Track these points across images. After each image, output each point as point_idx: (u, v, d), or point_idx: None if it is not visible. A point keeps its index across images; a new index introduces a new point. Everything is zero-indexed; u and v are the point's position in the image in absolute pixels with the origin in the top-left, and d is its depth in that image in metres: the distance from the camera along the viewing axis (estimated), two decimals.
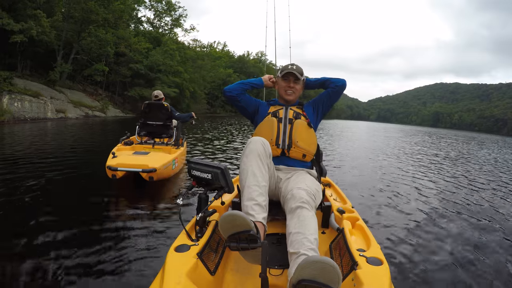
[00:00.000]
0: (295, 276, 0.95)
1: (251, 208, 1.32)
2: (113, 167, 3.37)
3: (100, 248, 2.06)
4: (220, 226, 1.15)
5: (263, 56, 55.21)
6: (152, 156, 3.92)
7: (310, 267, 0.91)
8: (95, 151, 6.55)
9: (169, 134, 4.74)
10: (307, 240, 1.17)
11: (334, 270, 0.90)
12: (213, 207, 1.62)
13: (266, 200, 1.38)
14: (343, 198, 2.09)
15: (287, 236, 1.25)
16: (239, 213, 1.14)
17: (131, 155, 3.97)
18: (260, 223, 1.28)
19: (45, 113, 14.99)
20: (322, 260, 0.91)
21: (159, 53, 27.99)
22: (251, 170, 1.41)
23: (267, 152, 1.50)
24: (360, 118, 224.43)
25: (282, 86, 1.84)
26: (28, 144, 6.70)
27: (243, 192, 1.40)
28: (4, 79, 13.08)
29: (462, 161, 9.08)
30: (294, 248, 1.16)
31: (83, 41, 20.54)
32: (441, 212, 3.48)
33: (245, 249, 1.15)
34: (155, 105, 4.66)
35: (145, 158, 3.78)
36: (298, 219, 1.25)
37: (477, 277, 2.03)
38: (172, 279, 1.04)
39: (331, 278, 0.90)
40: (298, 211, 1.28)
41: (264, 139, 1.52)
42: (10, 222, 2.44)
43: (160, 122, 4.67)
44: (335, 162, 6.57)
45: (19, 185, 3.36)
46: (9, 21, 14.82)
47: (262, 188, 1.38)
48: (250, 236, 1.13)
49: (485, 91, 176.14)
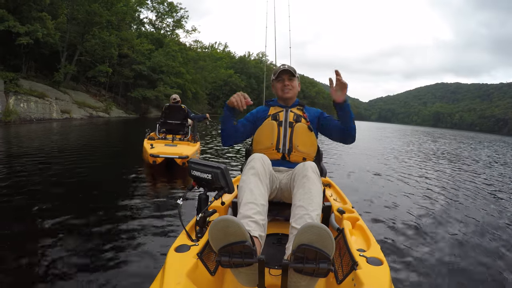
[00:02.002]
0: (295, 242, 0.97)
1: (246, 224, 1.18)
2: (155, 154, 4.21)
3: (100, 248, 2.06)
4: (210, 235, 1.00)
5: (264, 57, 55.23)
6: (181, 147, 4.83)
7: (308, 232, 0.95)
8: (102, 151, 6.58)
9: (185, 131, 5.65)
10: (309, 217, 1.20)
11: (329, 236, 0.94)
12: (213, 207, 1.62)
13: (264, 220, 1.25)
14: (343, 198, 2.09)
15: (292, 207, 1.28)
16: (232, 218, 0.98)
17: (164, 146, 4.79)
18: (256, 239, 1.14)
19: (50, 114, 15.16)
20: (318, 225, 0.95)
21: (161, 55, 28.15)
22: (249, 188, 1.32)
23: (267, 170, 1.43)
24: (361, 118, 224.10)
25: (278, 87, 1.80)
26: (46, 143, 6.74)
27: (239, 209, 1.29)
28: (10, 80, 13.24)
29: (462, 161, 9.05)
30: (296, 223, 1.20)
31: (87, 43, 20.76)
32: (441, 212, 3.47)
33: (239, 265, 1.01)
34: (174, 107, 5.60)
35: (177, 148, 4.71)
36: (304, 190, 1.29)
37: (478, 277, 2.02)
38: (172, 279, 1.04)
39: (326, 243, 0.94)
40: (304, 181, 1.31)
41: (264, 157, 1.47)
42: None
43: (178, 121, 5.62)
44: (335, 162, 6.56)
45: (22, 188, 3.39)
46: (15, 23, 15.08)
47: (260, 206, 1.27)
48: (244, 248, 0.99)
49: (486, 91, 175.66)
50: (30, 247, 2.04)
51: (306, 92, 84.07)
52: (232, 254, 0.99)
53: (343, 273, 1.20)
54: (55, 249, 2.00)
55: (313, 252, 0.95)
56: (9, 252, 1.96)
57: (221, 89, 50.09)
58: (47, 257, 1.90)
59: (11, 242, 2.10)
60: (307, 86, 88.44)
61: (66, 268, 1.79)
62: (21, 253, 1.94)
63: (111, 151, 6.92)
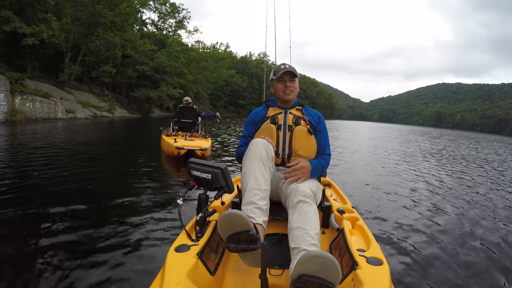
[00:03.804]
0: (295, 272, 0.94)
1: (251, 211, 1.30)
2: (180, 147, 5.17)
3: (99, 248, 2.07)
4: (219, 225, 1.13)
5: (265, 57, 55.27)
6: (199, 141, 5.80)
7: (310, 262, 0.91)
8: (109, 149, 6.60)
9: (196, 129, 6.60)
10: (309, 236, 1.18)
11: (334, 265, 0.89)
12: (213, 207, 1.63)
13: (267, 204, 1.36)
14: (343, 198, 2.09)
15: (288, 231, 1.26)
16: (238, 212, 1.11)
17: (185, 140, 5.70)
18: (260, 225, 1.26)
19: (55, 113, 15.31)
20: (322, 255, 0.90)
21: (164, 55, 28.26)
22: (253, 173, 1.39)
23: (270, 155, 1.48)
24: (362, 118, 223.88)
25: (279, 88, 1.74)
26: (53, 140, 6.77)
27: (244, 195, 1.38)
28: (16, 80, 13.39)
29: (462, 161, 9.02)
30: (295, 243, 1.18)
31: (92, 43, 20.95)
32: (441, 211, 3.46)
33: (244, 250, 1.13)
34: (187, 107, 6.54)
35: (196, 142, 5.68)
36: (300, 214, 1.26)
37: (478, 277, 2.02)
38: (172, 279, 1.04)
39: (331, 273, 0.89)
40: (300, 205, 1.29)
41: (267, 142, 1.50)
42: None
43: (190, 120, 6.56)
44: (335, 162, 6.55)
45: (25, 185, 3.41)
46: (21, 24, 15.29)
47: (264, 192, 1.36)
48: (249, 237, 1.11)
49: (487, 91, 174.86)
50: (29, 248, 2.05)
51: (308, 93, 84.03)
52: (238, 242, 1.12)
53: (343, 273, 1.20)
54: (55, 249, 2.01)
55: (316, 283, 0.90)
56: (9, 248, 1.98)
57: (223, 89, 50.15)
58: (47, 257, 1.90)
59: (10, 240, 2.11)
60: (308, 86, 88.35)
61: (66, 268, 1.79)
62: (21, 253, 1.95)
63: (114, 150, 6.94)
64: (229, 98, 52.62)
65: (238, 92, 53.11)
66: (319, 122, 1.78)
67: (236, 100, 53.33)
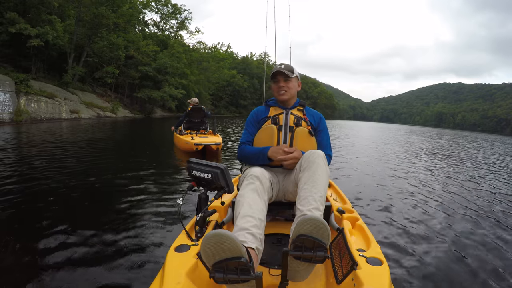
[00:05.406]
0: (295, 232, 1.07)
1: (243, 236, 1.14)
2: (197, 143, 5.71)
3: (99, 248, 2.06)
4: (202, 248, 0.94)
5: (266, 57, 55.31)
6: (212, 137, 6.32)
7: (307, 224, 1.04)
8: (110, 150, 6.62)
9: (204, 127, 7.21)
10: (313, 199, 1.30)
11: (325, 227, 1.04)
12: (213, 207, 1.63)
13: (261, 235, 1.21)
14: (343, 198, 2.08)
15: (298, 189, 1.38)
16: (227, 233, 0.93)
17: (199, 137, 6.20)
18: (253, 251, 1.11)
19: (60, 114, 15.46)
20: (315, 218, 1.04)
21: (166, 56, 28.40)
22: (247, 202, 1.29)
23: (266, 187, 1.41)
24: (363, 118, 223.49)
25: (274, 88, 1.74)
26: (59, 140, 6.80)
27: (236, 221, 1.25)
28: (21, 81, 13.54)
29: (462, 161, 8.98)
30: (300, 205, 1.31)
31: (96, 45, 21.15)
32: (442, 211, 3.44)
33: (235, 281, 0.96)
34: (196, 108, 7.10)
35: (210, 138, 6.19)
36: (309, 173, 1.38)
37: (478, 277, 2.01)
38: (172, 279, 1.04)
39: (323, 234, 1.04)
40: (311, 165, 1.40)
41: (262, 172, 1.45)
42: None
43: (199, 119, 7.14)
44: (335, 162, 6.53)
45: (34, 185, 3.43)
46: (26, 26, 15.47)
47: (258, 221, 1.23)
48: (240, 265, 0.93)
49: (488, 91, 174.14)
50: (29, 248, 2.05)
51: (309, 93, 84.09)
52: (227, 271, 0.94)
53: (343, 273, 1.20)
54: (55, 249, 2.01)
55: (311, 241, 1.04)
56: (9, 248, 1.98)
57: (224, 90, 50.25)
58: (47, 257, 1.90)
59: (10, 240, 2.12)
60: (309, 86, 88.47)
61: (66, 267, 1.79)
62: (21, 252, 1.96)
63: (115, 150, 6.97)
64: (230, 98, 52.73)
65: (239, 93, 53.22)
66: (320, 123, 1.78)
67: (238, 100, 53.44)
